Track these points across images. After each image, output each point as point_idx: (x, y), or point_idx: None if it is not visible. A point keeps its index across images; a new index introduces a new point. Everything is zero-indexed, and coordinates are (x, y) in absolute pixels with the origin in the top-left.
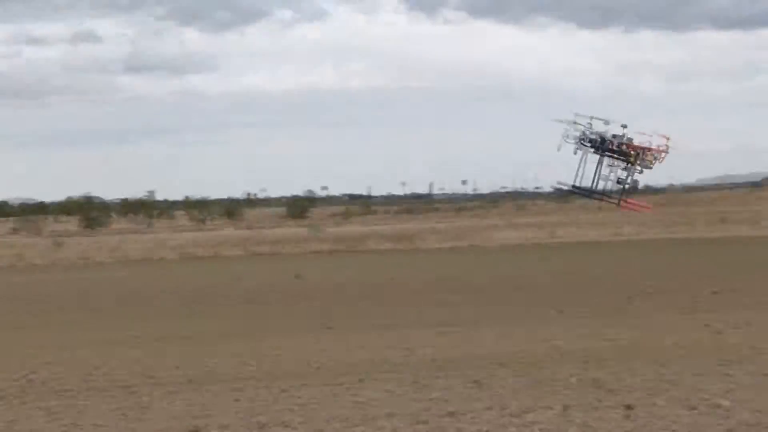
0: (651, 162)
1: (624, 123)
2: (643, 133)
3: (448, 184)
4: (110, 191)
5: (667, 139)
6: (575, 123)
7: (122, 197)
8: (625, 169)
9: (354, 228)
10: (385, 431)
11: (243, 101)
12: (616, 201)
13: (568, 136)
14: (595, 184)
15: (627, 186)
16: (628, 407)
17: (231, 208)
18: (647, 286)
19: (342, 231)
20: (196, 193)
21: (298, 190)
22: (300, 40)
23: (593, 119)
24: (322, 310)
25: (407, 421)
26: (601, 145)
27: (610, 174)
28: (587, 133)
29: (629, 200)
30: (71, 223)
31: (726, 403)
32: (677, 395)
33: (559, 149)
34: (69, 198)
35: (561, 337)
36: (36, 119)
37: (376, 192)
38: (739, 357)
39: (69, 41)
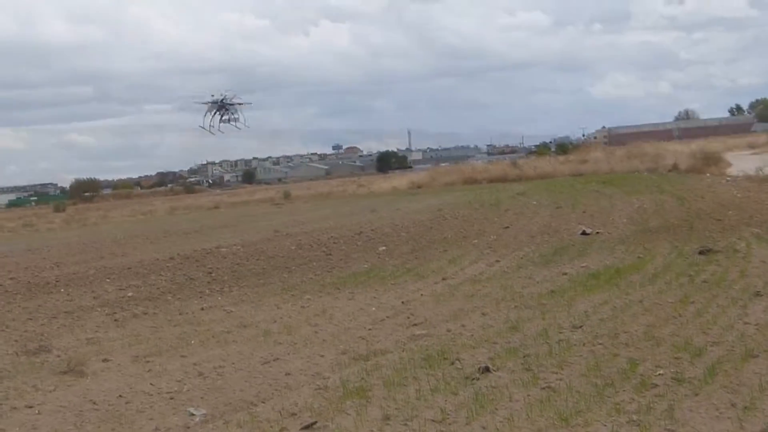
0: (236, 112)
1: (225, 93)
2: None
3: None
4: None
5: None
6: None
7: None
8: (224, 114)
9: None
10: None
11: None
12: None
13: (202, 104)
14: (216, 125)
15: (229, 122)
16: None
17: None
18: None
19: None
20: None
21: None
22: None
23: (227, 92)
24: None
25: None
26: (221, 105)
27: (223, 116)
28: (217, 100)
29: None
30: None
31: None
32: None
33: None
34: None
35: None
36: None
37: None
38: None
39: None
